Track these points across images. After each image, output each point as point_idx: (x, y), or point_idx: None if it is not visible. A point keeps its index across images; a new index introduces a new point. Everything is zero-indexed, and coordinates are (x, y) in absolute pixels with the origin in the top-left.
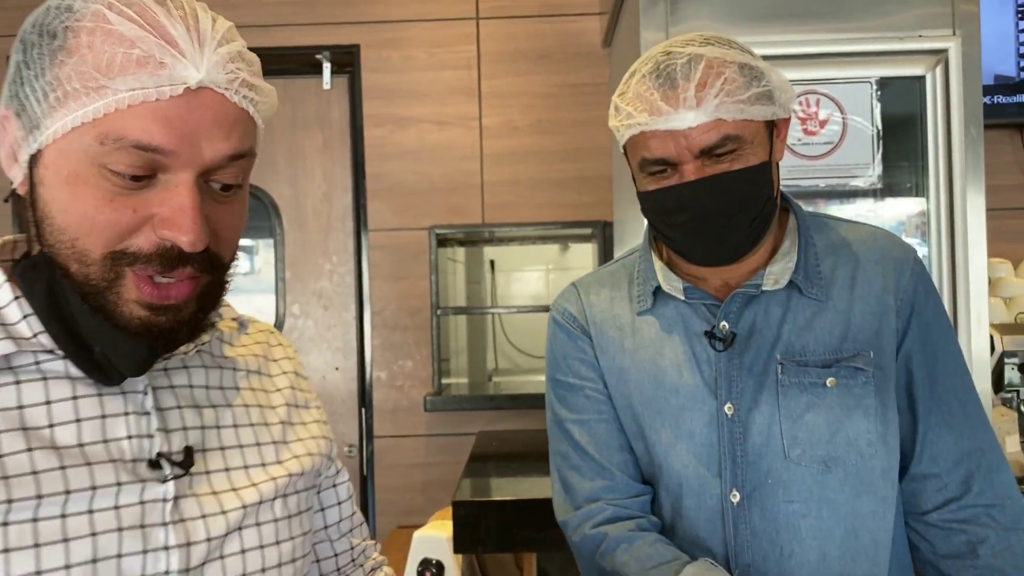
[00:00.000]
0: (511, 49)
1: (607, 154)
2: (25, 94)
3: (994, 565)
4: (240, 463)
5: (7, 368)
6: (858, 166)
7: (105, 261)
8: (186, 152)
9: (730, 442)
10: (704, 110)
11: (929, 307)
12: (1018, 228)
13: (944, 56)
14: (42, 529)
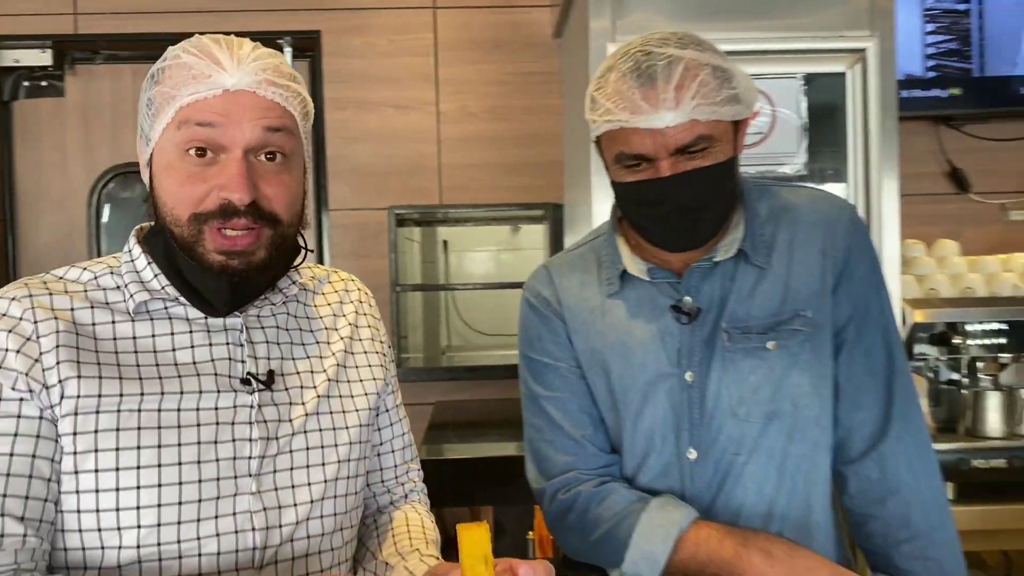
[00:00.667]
0: (467, 38)
1: (558, 140)
2: (142, 121)
3: (903, 513)
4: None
5: (145, 313)
6: (786, 154)
7: (190, 221)
8: (230, 130)
9: (689, 406)
10: (681, 111)
11: (862, 263)
12: (931, 212)
13: (863, 55)
14: (163, 417)
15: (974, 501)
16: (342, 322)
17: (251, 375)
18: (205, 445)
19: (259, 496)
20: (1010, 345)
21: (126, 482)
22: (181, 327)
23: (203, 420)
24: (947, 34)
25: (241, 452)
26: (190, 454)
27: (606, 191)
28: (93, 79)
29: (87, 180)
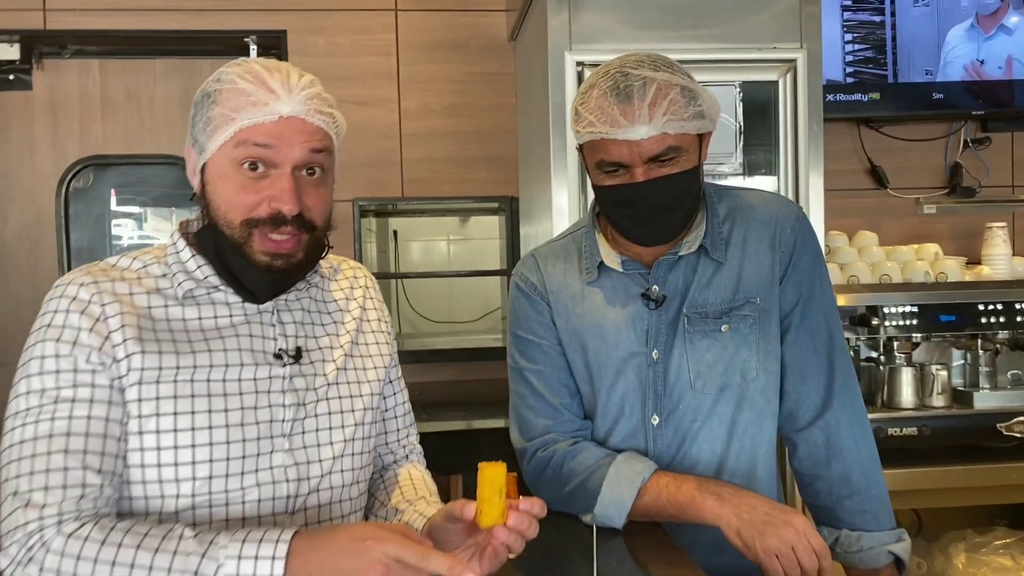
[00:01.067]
0: (427, 39)
1: (512, 136)
2: (196, 133)
3: (844, 473)
4: (328, 358)
5: (191, 298)
6: (724, 154)
7: (242, 225)
8: (283, 150)
9: (654, 379)
10: (654, 125)
11: (807, 255)
12: (854, 206)
13: (793, 64)
14: (211, 386)
15: (889, 465)
16: (353, 304)
17: (283, 351)
18: (247, 410)
19: (291, 453)
20: (921, 326)
21: (182, 441)
22: (223, 311)
23: (244, 389)
24: (864, 43)
25: (276, 416)
26: (235, 418)
27: (565, 185)
28: (61, 73)
29: (55, 172)
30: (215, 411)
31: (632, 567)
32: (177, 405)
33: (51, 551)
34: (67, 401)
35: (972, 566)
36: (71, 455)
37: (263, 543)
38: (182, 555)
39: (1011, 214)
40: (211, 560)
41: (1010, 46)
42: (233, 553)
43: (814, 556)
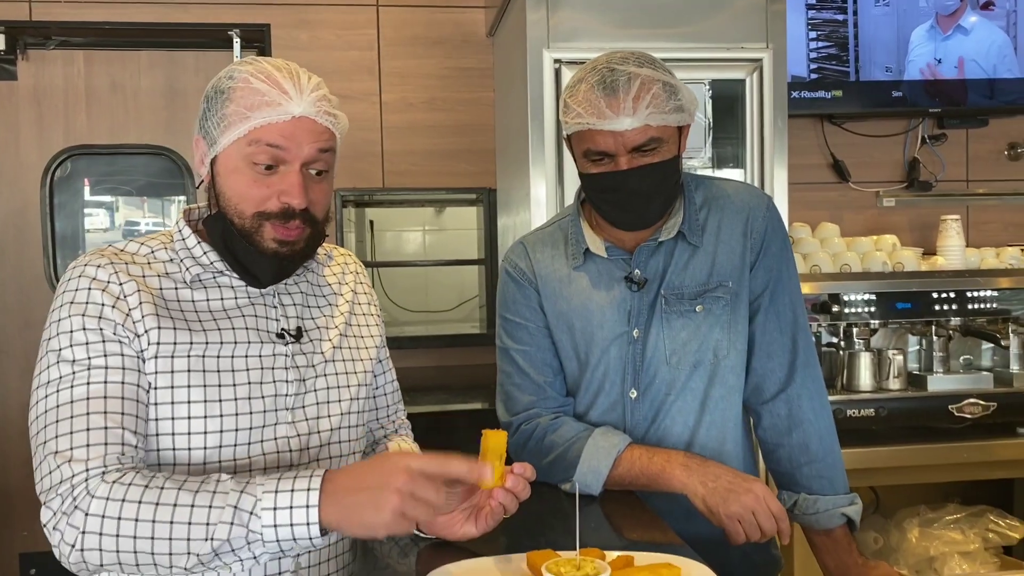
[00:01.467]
0: (408, 34)
1: (490, 130)
2: (209, 127)
3: (804, 442)
4: (324, 337)
5: (199, 282)
6: (694, 149)
7: (253, 217)
8: (293, 150)
9: (633, 356)
10: (637, 117)
11: (776, 242)
12: (817, 199)
13: (759, 64)
14: (221, 362)
15: (848, 445)
16: (345, 288)
17: (284, 331)
18: (253, 385)
19: (293, 425)
20: (879, 313)
21: (195, 412)
22: (228, 294)
23: (250, 366)
24: (828, 41)
25: (280, 391)
26: (242, 392)
27: (542, 177)
28: (46, 64)
29: (40, 161)
30: (224, 386)
31: (608, 530)
32: (191, 379)
33: (96, 497)
34: (100, 368)
35: (925, 540)
36: (110, 416)
37: (298, 478)
38: (221, 493)
39: (965, 207)
40: (249, 495)
41: (965, 46)
42: (271, 488)
43: (773, 520)
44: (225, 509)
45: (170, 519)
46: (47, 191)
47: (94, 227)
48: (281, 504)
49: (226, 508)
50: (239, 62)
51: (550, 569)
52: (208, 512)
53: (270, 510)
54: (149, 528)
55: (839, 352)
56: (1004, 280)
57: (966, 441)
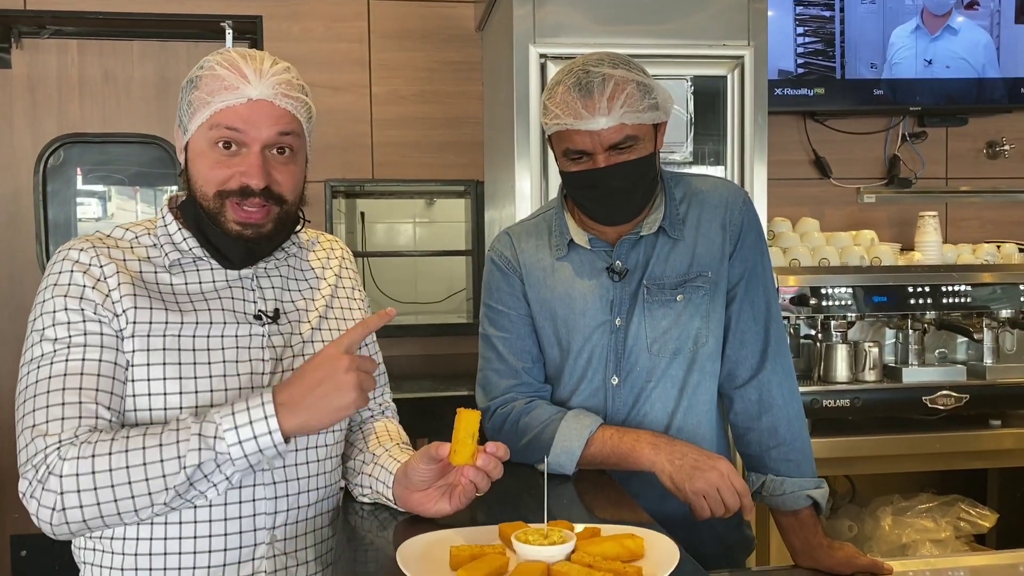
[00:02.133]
0: (398, 28)
1: (478, 123)
2: (180, 115)
3: (773, 426)
4: (303, 319)
5: (178, 266)
6: (676, 143)
7: (215, 197)
8: (252, 132)
9: (615, 344)
10: (612, 117)
11: (751, 235)
12: (799, 194)
13: (741, 61)
14: (197, 342)
15: (825, 435)
16: (328, 273)
17: (261, 312)
18: (228, 363)
19: None
20: (856, 306)
21: (171, 389)
22: (206, 276)
23: (226, 345)
24: (815, 36)
25: (256, 369)
26: (217, 370)
27: (527, 171)
28: (39, 52)
29: (33, 149)
30: (199, 363)
31: (580, 508)
32: (166, 357)
33: (67, 460)
34: (79, 346)
35: (897, 527)
36: (85, 391)
37: (250, 398)
38: (184, 429)
39: (943, 204)
40: (209, 423)
41: (955, 47)
42: (227, 412)
43: (736, 496)
44: (191, 439)
45: (142, 461)
46: (40, 178)
47: (86, 216)
48: (240, 422)
49: (191, 438)
50: (214, 52)
51: (519, 537)
52: (176, 446)
53: (231, 429)
54: (124, 474)
55: (816, 344)
56: (979, 275)
57: (940, 432)
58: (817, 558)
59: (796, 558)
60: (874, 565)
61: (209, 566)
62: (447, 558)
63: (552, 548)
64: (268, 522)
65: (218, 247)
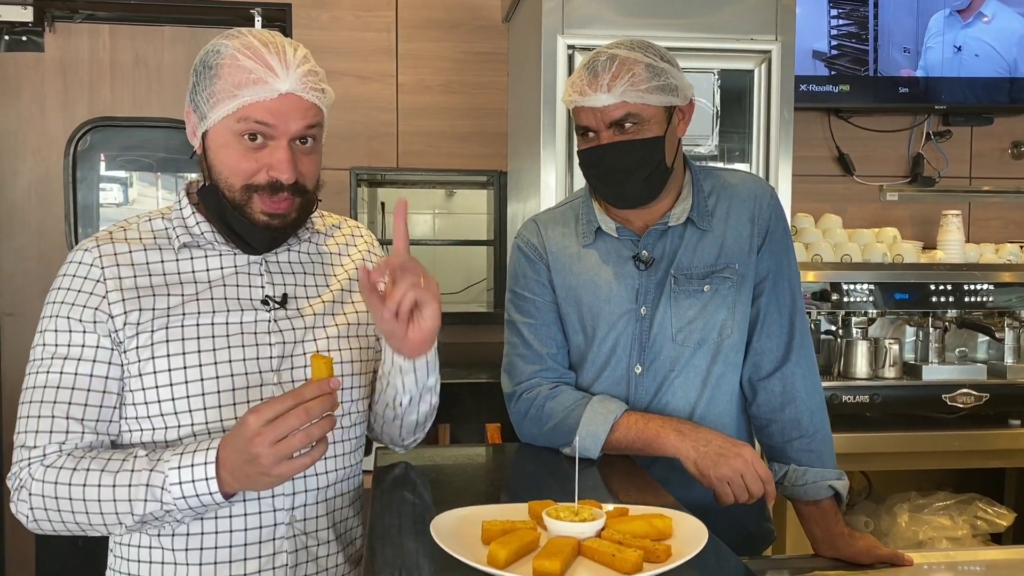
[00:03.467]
0: (425, 17)
1: (503, 114)
2: (199, 101)
3: (796, 418)
4: (314, 304)
5: (186, 249)
6: (701, 136)
7: (242, 189)
8: (281, 127)
9: (640, 332)
10: (613, 95)
11: (779, 229)
12: (822, 191)
13: (768, 56)
14: (201, 330)
15: (843, 430)
16: (347, 260)
17: (269, 297)
18: (234, 349)
19: (280, 386)
20: (877, 303)
21: (177, 379)
22: (214, 263)
23: (231, 332)
24: (848, 19)
25: (262, 354)
26: (223, 356)
27: (552, 163)
28: (72, 36)
29: (64, 132)
30: (204, 351)
31: (604, 492)
32: (169, 348)
33: (35, 479)
34: (60, 358)
35: (914, 524)
36: (57, 405)
37: (197, 452)
38: (137, 472)
39: (967, 203)
40: (159, 473)
41: (987, 35)
42: (175, 464)
43: (760, 483)
44: (139, 487)
45: (97, 497)
46: (70, 161)
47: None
48: (185, 479)
49: (139, 487)
50: (226, 35)
51: (550, 513)
52: (128, 490)
53: (176, 484)
54: (81, 505)
55: (837, 340)
56: (1001, 275)
57: (958, 430)
58: (838, 547)
59: (817, 547)
60: (894, 556)
61: (231, 545)
62: (479, 533)
63: (583, 524)
64: (287, 503)
65: (241, 235)
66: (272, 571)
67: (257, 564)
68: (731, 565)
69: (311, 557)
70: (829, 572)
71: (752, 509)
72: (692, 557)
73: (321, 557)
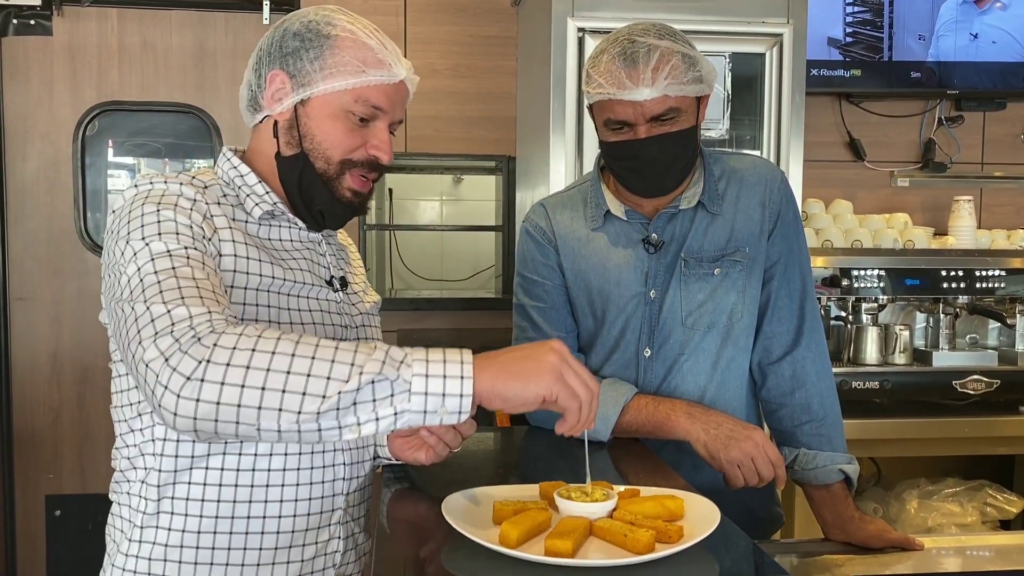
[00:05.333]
0: (434, 1)
1: (512, 98)
2: (300, 66)
3: (806, 402)
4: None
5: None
6: (712, 121)
7: (339, 163)
8: (390, 112)
9: (649, 315)
10: (656, 88)
11: (789, 214)
12: (832, 176)
13: (779, 39)
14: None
15: (853, 416)
16: (352, 251)
17: (333, 277)
18: (317, 325)
19: None
20: (888, 289)
21: None
22: (285, 235)
23: (312, 307)
24: (863, 6)
25: (335, 335)
26: (308, 330)
27: (562, 148)
28: (80, 20)
29: (73, 116)
30: (294, 323)
31: (615, 474)
32: (259, 313)
33: (226, 332)
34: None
35: (923, 511)
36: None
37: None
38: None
39: (979, 189)
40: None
41: (1005, 22)
42: (420, 353)
43: (771, 466)
44: (376, 351)
45: (312, 355)
46: (79, 146)
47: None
48: (433, 358)
49: (377, 351)
50: (327, 8)
51: (561, 494)
52: (354, 354)
53: (422, 361)
54: (286, 361)
55: (847, 326)
56: (1013, 260)
57: (968, 417)
58: (848, 531)
59: (827, 531)
60: (905, 540)
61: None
62: (490, 513)
63: (595, 504)
64: (345, 487)
65: (321, 208)
66: (325, 557)
67: (313, 550)
68: (742, 546)
69: (356, 545)
70: (839, 556)
71: (760, 493)
72: (704, 538)
73: (361, 545)
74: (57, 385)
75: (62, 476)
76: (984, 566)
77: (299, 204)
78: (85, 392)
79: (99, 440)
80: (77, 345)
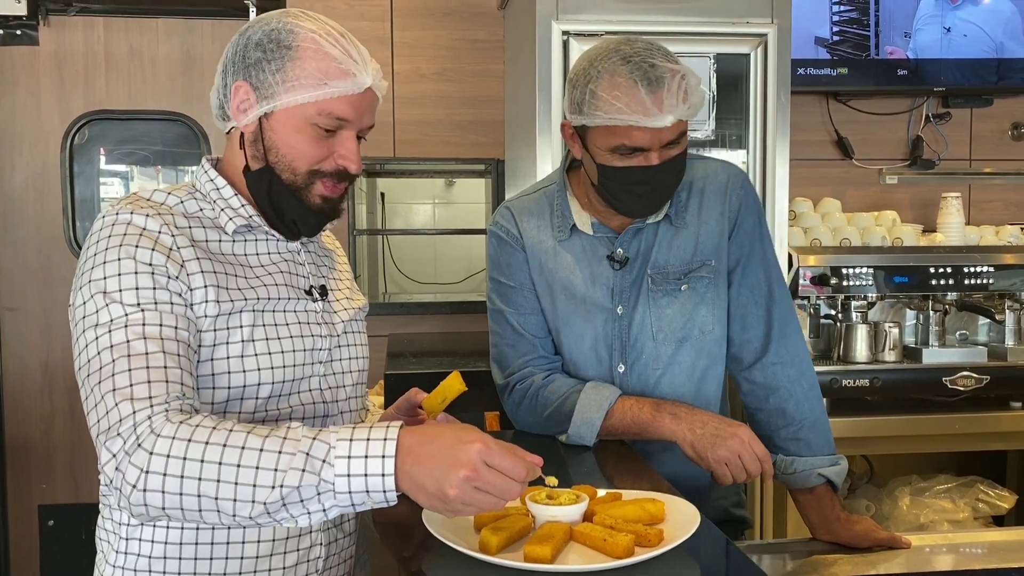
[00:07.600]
0: (420, 5)
1: (499, 101)
2: (262, 78)
3: (780, 407)
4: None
5: (239, 233)
6: (698, 122)
7: (307, 174)
8: (357, 121)
9: (619, 332)
10: (678, 114)
11: (749, 218)
12: (821, 175)
13: (764, 39)
14: (265, 316)
15: (843, 414)
16: (338, 255)
17: (312, 287)
18: (295, 339)
19: (325, 378)
20: (877, 287)
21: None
22: (263, 248)
23: (289, 320)
24: (850, 5)
25: (316, 345)
26: (287, 345)
27: (548, 150)
28: (66, 29)
29: (60, 125)
30: (271, 339)
31: (600, 477)
32: (230, 336)
33: (160, 436)
34: (155, 312)
35: (915, 507)
36: (169, 356)
37: (374, 428)
38: (292, 440)
39: (967, 186)
40: (322, 443)
41: (976, 16)
42: (345, 436)
43: (758, 462)
44: (296, 455)
45: (237, 462)
46: (67, 155)
47: (108, 195)
48: (356, 453)
49: (297, 454)
50: (289, 13)
51: (532, 498)
52: (278, 457)
53: (344, 459)
54: (215, 470)
55: (837, 324)
56: (1001, 257)
57: (959, 413)
58: (835, 532)
59: (814, 532)
60: (892, 539)
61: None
62: (471, 520)
63: (568, 508)
64: None
65: (293, 218)
66: (307, 564)
67: (295, 557)
68: (723, 548)
69: (339, 550)
70: (827, 556)
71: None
72: (684, 541)
73: (345, 550)
74: (49, 395)
75: (55, 486)
76: (975, 564)
77: (271, 215)
78: (77, 401)
79: (91, 449)
80: (68, 354)
